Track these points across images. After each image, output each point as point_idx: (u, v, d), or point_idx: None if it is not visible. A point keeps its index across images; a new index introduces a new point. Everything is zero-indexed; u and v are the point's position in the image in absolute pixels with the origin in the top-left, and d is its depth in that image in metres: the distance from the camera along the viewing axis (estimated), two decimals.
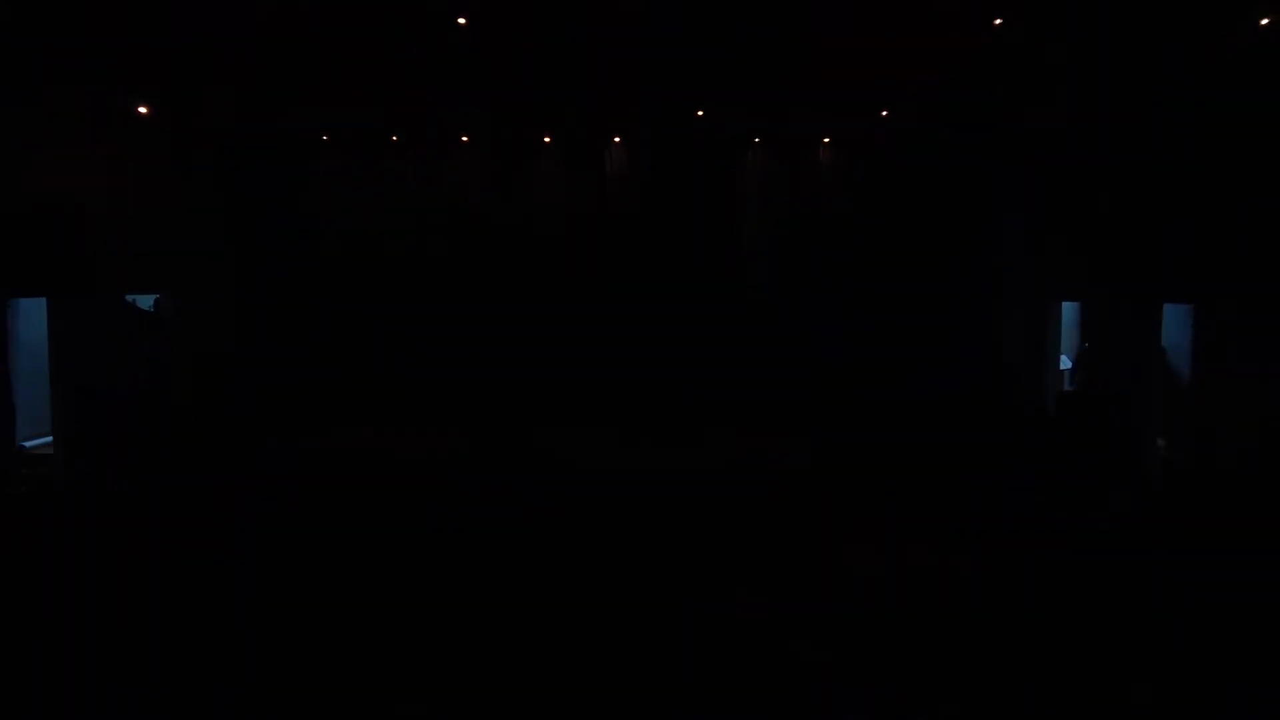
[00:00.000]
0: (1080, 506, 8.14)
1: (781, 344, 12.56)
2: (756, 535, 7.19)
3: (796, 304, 12.58)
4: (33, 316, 10.20)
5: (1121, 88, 9.41)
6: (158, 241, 10.93)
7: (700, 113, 11.64)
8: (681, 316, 12.57)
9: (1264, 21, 7.98)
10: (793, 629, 5.19)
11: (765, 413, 12.10)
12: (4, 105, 8.77)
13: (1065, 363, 11.26)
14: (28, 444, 10.33)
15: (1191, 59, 8.58)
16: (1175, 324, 10.10)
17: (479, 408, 12.15)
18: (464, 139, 12.60)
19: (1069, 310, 11.36)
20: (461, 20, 8.54)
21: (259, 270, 12.62)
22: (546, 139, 12.57)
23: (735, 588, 5.82)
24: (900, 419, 11.36)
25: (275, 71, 9.85)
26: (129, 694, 4.39)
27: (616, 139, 12.61)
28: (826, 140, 12.49)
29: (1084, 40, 8.55)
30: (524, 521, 7.46)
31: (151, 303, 11.83)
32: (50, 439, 9.98)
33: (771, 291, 12.70)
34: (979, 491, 8.50)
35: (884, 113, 11.45)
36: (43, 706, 4.29)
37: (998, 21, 8.45)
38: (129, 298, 11.33)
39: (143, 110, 10.66)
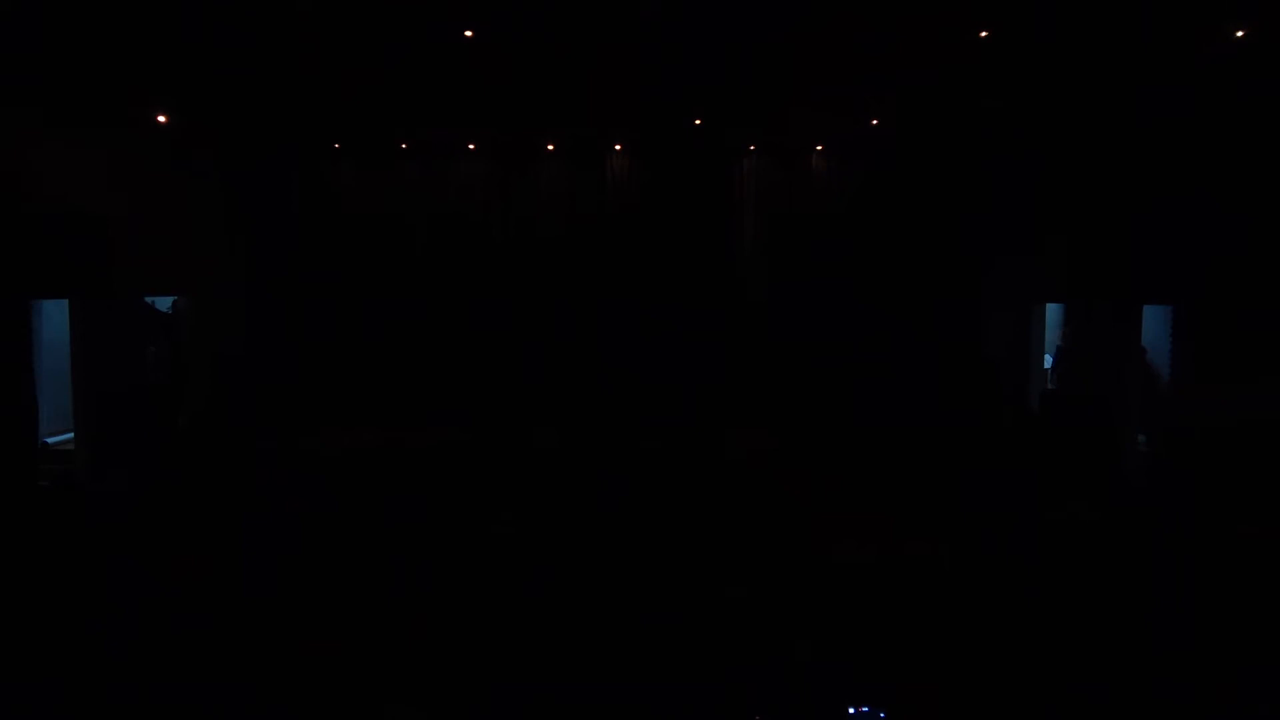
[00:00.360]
0: (1066, 502, 8.26)
1: (778, 344, 12.73)
2: (753, 533, 7.23)
3: (793, 305, 12.76)
4: (55, 317, 10.49)
5: (1108, 90, 9.59)
6: (169, 243, 11.06)
7: (699, 120, 11.84)
8: (681, 318, 12.72)
9: (1239, 34, 8.26)
10: (791, 627, 5.22)
11: (761, 412, 12.25)
12: (19, 108, 8.91)
13: (1047, 361, 11.42)
14: (50, 440, 10.61)
15: (1181, 62, 8.70)
16: (1155, 324, 10.24)
17: (480, 407, 12.25)
18: (469, 145, 12.80)
19: (1050, 309, 11.53)
20: (468, 33, 8.74)
21: (264, 271, 12.79)
22: (549, 145, 12.77)
23: (733, 587, 5.83)
24: (893, 417, 11.50)
25: (278, 74, 9.92)
26: (128, 690, 4.41)
27: (618, 145, 12.82)
28: (821, 146, 12.71)
29: (1073, 45, 8.66)
30: (520, 519, 7.50)
31: (170, 305, 12.01)
32: (71, 435, 10.26)
33: (769, 293, 12.88)
34: (971, 488, 8.63)
35: (875, 121, 11.63)
36: (48, 700, 4.35)
37: (983, 34, 8.64)
38: (148, 299, 11.50)
39: (157, 116, 10.77)
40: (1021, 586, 6.03)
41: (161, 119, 10.83)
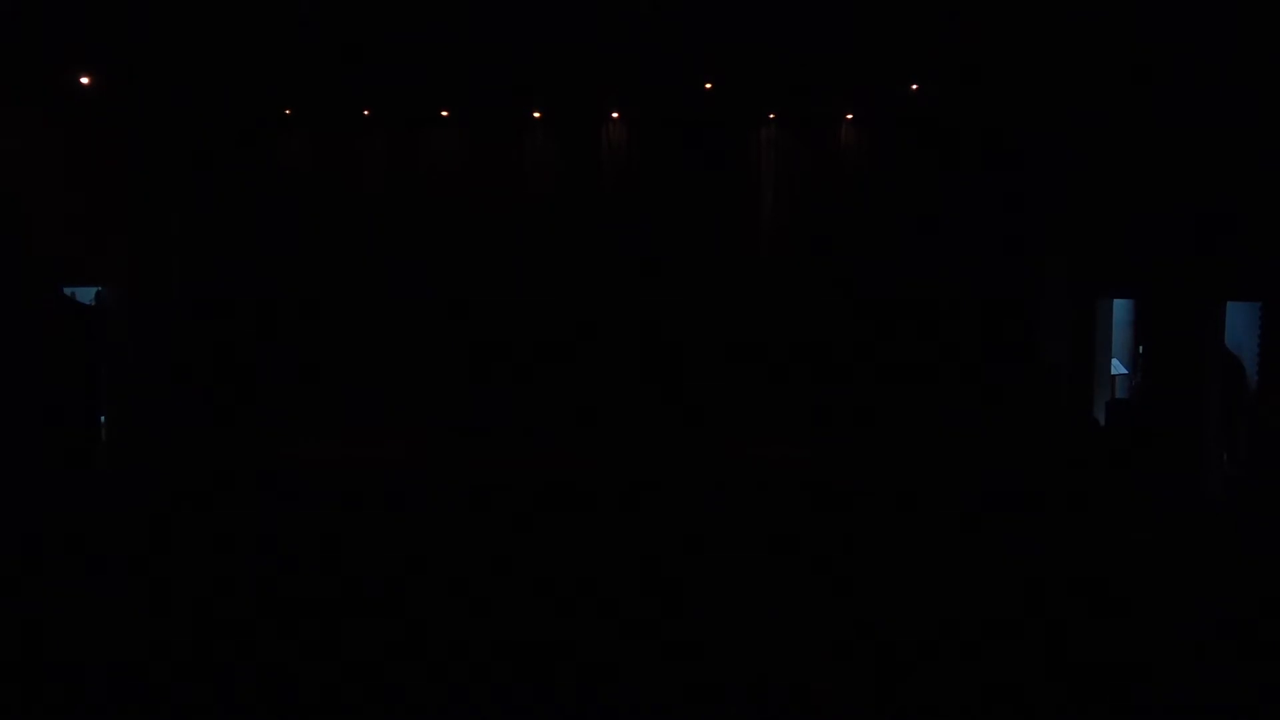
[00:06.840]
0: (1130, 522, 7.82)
1: (799, 338, 11.92)
2: (760, 537, 7.16)
3: (816, 295, 11.93)
4: None
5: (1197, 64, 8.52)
6: (93, 227, 10.30)
7: (709, 85, 10.82)
8: (687, 310, 11.97)
9: None
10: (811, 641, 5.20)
11: (778, 410, 11.65)
12: None
13: (1118, 367, 10.47)
14: None
15: None
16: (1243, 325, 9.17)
17: (463, 407, 11.72)
18: (442, 113, 11.88)
19: (1121, 309, 10.62)
20: None
21: (214, 262, 11.96)
22: (536, 114, 11.84)
23: (740, 598, 5.82)
24: (930, 420, 10.83)
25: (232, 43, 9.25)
26: (120, 693, 4.53)
27: (614, 114, 11.92)
28: (851, 116, 11.72)
29: None
30: (516, 518, 7.63)
31: (93, 296, 10.96)
32: None
33: (788, 282, 12.03)
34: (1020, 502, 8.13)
35: (915, 86, 10.61)
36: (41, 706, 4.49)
37: None
38: (67, 290, 10.38)
39: (84, 81, 9.80)
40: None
41: (84, 80, 9.83)
